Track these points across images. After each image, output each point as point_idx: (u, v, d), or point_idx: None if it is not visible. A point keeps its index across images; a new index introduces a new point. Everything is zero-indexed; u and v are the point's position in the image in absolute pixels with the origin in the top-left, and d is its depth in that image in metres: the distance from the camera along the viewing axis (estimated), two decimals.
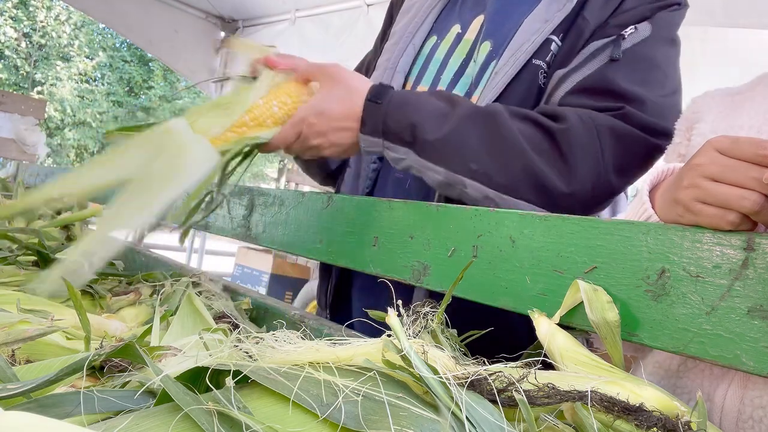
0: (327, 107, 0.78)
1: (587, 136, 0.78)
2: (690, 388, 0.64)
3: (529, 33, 0.89)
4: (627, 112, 0.81)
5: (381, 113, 0.77)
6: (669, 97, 0.85)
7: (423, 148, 0.77)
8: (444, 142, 0.76)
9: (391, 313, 0.44)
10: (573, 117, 0.79)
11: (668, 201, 0.58)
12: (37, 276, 0.90)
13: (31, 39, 15.23)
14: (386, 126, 0.77)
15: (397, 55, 1.03)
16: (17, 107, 4.04)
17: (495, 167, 0.76)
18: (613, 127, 0.80)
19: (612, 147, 0.80)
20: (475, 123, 0.77)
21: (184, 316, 0.72)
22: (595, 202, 0.82)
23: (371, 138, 0.79)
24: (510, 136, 0.77)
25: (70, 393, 0.37)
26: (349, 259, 0.83)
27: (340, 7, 3.54)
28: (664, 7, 0.87)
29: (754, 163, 0.49)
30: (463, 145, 0.76)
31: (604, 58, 0.84)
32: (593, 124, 0.79)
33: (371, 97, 0.78)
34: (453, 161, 0.77)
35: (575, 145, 0.78)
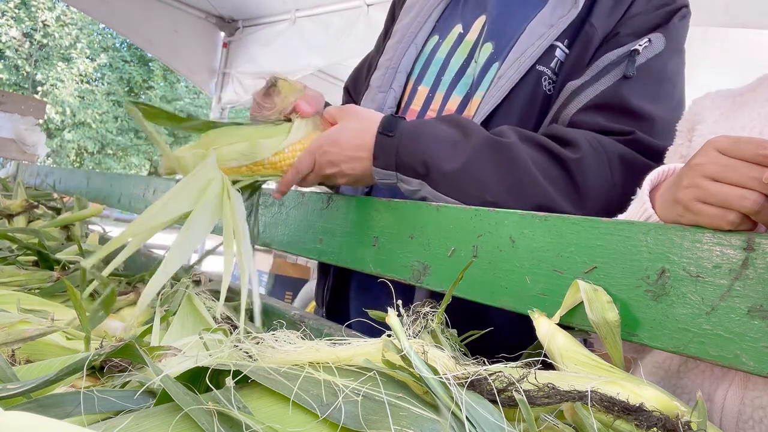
0: (340, 137, 0.79)
1: (599, 164, 0.79)
2: (690, 388, 0.64)
3: (534, 38, 0.88)
4: (636, 138, 0.82)
5: (393, 146, 0.78)
6: (675, 111, 0.86)
7: (437, 180, 0.77)
8: (458, 175, 0.76)
9: (391, 313, 0.44)
10: (585, 145, 0.79)
11: (668, 201, 0.58)
12: (37, 276, 0.90)
13: (33, 39, 15.23)
14: (399, 159, 0.78)
15: (399, 55, 1.03)
16: (17, 107, 4.04)
17: (510, 199, 0.77)
18: (623, 156, 0.81)
19: (621, 175, 0.81)
20: (488, 154, 0.77)
21: (184, 316, 0.72)
22: None
23: (385, 171, 0.79)
24: (524, 168, 0.77)
25: (70, 393, 0.37)
26: (349, 259, 0.83)
27: (340, 7, 3.54)
28: (673, 12, 0.87)
29: (755, 163, 0.49)
30: (478, 178, 0.77)
31: (618, 74, 0.84)
32: (604, 152, 0.80)
33: (383, 129, 0.79)
34: (468, 194, 0.76)
35: (589, 175, 0.79)
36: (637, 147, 0.82)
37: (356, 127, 0.80)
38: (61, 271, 0.94)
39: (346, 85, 1.27)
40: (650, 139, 0.83)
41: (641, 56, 0.85)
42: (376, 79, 1.04)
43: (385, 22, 1.21)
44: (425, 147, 0.77)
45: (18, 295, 0.73)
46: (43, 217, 1.41)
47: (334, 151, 0.78)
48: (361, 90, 1.18)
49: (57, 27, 15.48)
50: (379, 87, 1.03)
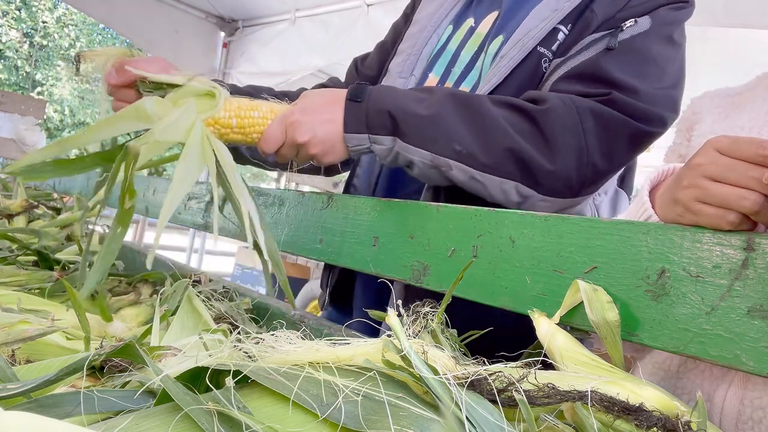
0: (310, 104, 0.79)
1: (568, 116, 0.79)
2: (690, 388, 0.64)
3: (538, 20, 0.90)
4: (613, 97, 0.81)
5: (362, 109, 0.78)
6: (665, 90, 0.85)
7: (407, 132, 0.78)
8: (426, 124, 0.77)
9: (390, 313, 0.44)
10: (553, 99, 0.80)
11: (668, 201, 0.58)
12: (37, 276, 0.90)
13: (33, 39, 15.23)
14: (369, 119, 0.78)
15: (421, 43, 1.05)
16: (17, 107, 4.04)
17: (479, 147, 0.77)
18: (595, 110, 0.80)
19: (594, 129, 0.80)
20: (455, 105, 0.79)
21: (184, 316, 0.72)
22: (580, 182, 0.82)
23: (357, 135, 0.79)
24: (491, 118, 0.78)
25: (70, 393, 0.37)
26: (349, 259, 0.83)
27: (340, 7, 3.54)
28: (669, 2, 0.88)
29: (754, 163, 0.49)
30: (446, 127, 0.77)
31: (600, 47, 0.85)
32: (574, 105, 0.80)
33: (351, 96, 0.79)
34: (438, 143, 0.77)
35: (556, 124, 0.78)
36: (614, 107, 0.81)
37: (324, 96, 0.81)
38: (61, 271, 0.94)
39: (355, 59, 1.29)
40: (630, 100, 0.82)
41: (625, 33, 0.85)
42: (396, 65, 1.06)
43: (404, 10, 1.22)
44: (392, 102, 0.78)
45: (18, 295, 0.73)
46: (43, 217, 1.41)
47: (305, 119, 0.78)
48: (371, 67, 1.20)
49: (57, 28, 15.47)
50: (400, 73, 1.04)
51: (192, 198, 1.20)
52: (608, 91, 0.81)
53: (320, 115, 0.79)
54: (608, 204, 0.98)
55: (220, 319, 0.77)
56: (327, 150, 0.80)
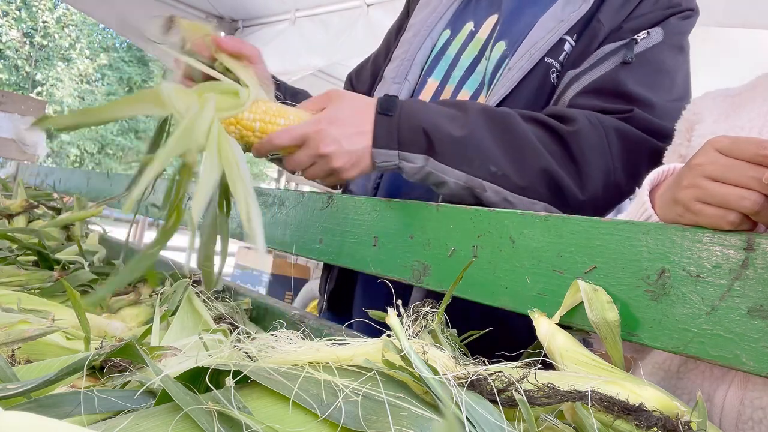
0: (340, 115, 0.75)
1: (596, 138, 0.79)
2: (690, 389, 0.64)
3: (544, 31, 0.90)
4: (635, 115, 0.81)
5: (394, 124, 0.75)
6: (675, 102, 0.86)
7: (441, 152, 0.75)
8: (462, 144, 0.75)
9: (390, 313, 0.44)
10: (582, 119, 0.79)
11: (668, 201, 0.58)
12: (37, 276, 0.90)
13: (33, 39, 15.23)
14: (401, 135, 0.75)
15: (415, 48, 1.04)
16: (17, 107, 4.03)
17: (513, 169, 0.76)
18: (620, 129, 0.80)
19: (620, 149, 0.80)
20: (489, 124, 0.77)
21: (184, 316, 0.72)
22: (605, 204, 0.83)
23: (386, 151, 0.76)
24: (525, 137, 0.77)
25: (70, 393, 0.37)
26: (349, 259, 0.83)
27: (340, 7, 3.54)
28: (677, 12, 0.88)
29: (754, 163, 0.49)
30: (481, 147, 0.76)
31: (617, 61, 0.85)
32: (601, 126, 0.80)
33: (381, 110, 0.76)
34: (473, 164, 0.75)
35: (586, 148, 0.78)
36: (636, 124, 0.82)
37: (354, 106, 0.77)
38: (61, 271, 0.94)
39: (350, 74, 1.28)
40: (650, 117, 0.82)
41: (639, 45, 0.85)
42: (390, 70, 1.05)
43: (398, 17, 1.22)
44: (426, 120, 0.75)
45: (18, 295, 0.73)
46: (43, 217, 1.41)
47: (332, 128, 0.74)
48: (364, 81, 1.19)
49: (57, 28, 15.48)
50: (394, 78, 1.04)
51: (192, 198, 1.20)
52: (630, 107, 0.82)
53: (348, 127, 0.75)
54: None
55: (220, 319, 0.77)
56: (352, 163, 0.76)
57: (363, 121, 0.76)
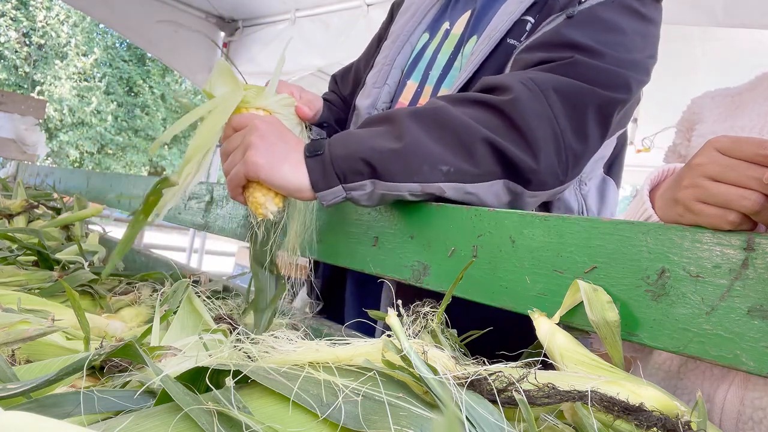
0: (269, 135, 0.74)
1: (536, 102, 0.75)
2: (690, 389, 0.64)
3: (505, 14, 0.90)
4: (575, 60, 0.78)
5: (327, 162, 0.72)
6: (634, 57, 0.82)
7: (386, 170, 0.72)
8: (404, 155, 0.72)
9: (390, 313, 0.44)
10: (517, 86, 0.76)
11: (668, 201, 0.58)
12: (37, 276, 0.90)
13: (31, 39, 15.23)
14: (338, 169, 0.72)
15: (394, 52, 1.05)
16: (17, 107, 4.03)
17: (463, 161, 0.73)
18: (559, 87, 0.77)
19: (562, 109, 0.77)
20: (421, 125, 0.74)
21: (184, 316, 0.72)
22: (564, 170, 0.79)
23: (330, 191, 0.73)
24: (461, 123, 0.74)
25: (70, 393, 0.37)
26: (349, 259, 0.83)
27: (340, 7, 3.54)
28: None
29: (755, 163, 0.49)
30: (425, 151, 0.73)
31: (561, 18, 0.84)
32: (538, 89, 0.76)
33: (309, 153, 0.73)
34: (422, 171, 0.72)
35: (527, 115, 0.74)
36: (576, 72, 0.78)
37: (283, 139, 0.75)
38: (61, 271, 0.94)
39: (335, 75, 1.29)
40: (595, 62, 0.78)
41: (584, 4, 0.83)
42: (371, 76, 1.06)
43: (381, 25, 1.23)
44: (359, 146, 0.73)
45: (18, 295, 0.73)
46: (43, 217, 1.41)
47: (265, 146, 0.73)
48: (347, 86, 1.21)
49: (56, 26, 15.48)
50: (374, 83, 1.05)
51: (192, 198, 1.20)
52: (570, 54, 0.78)
53: (280, 155, 0.73)
54: (595, 192, 0.96)
55: (220, 319, 0.77)
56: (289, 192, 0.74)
57: (296, 160, 0.73)
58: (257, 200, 0.75)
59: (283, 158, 0.73)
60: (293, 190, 0.73)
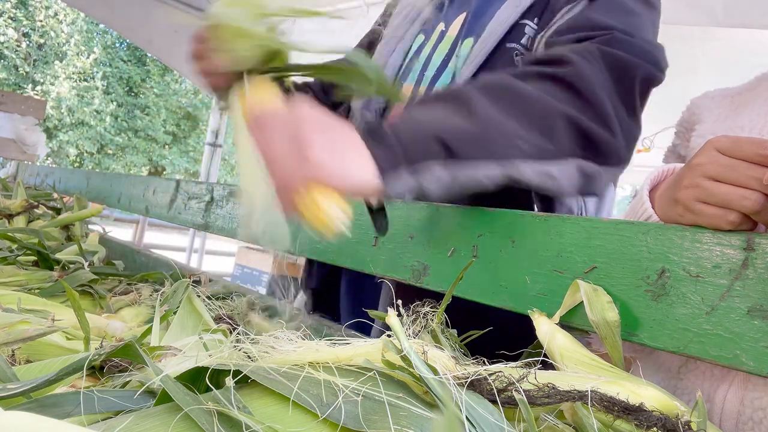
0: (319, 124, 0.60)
1: (597, 72, 0.72)
2: (690, 389, 0.64)
3: (502, 18, 0.89)
4: (615, 36, 0.75)
5: (395, 146, 0.61)
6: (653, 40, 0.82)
7: (462, 150, 0.63)
8: (476, 131, 0.64)
9: (390, 313, 0.44)
10: (573, 57, 0.72)
11: (668, 201, 0.58)
12: (37, 276, 0.90)
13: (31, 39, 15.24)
14: (409, 155, 0.61)
15: (386, 54, 1.05)
16: (17, 107, 4.03)
17: (539, 135, 0.67)
18: (607, 58, 0.74)
19: (612, 83, 0.74)
20: (492, 99, 0.67)
21: (184, 316, 0.72)
22: (627, 146, 0.75)
23: (400, 181, 0.61)
24: (535, 97, 0.68)
25: (70, 393, 0.37)
26: (349, 259, 0.83)
27: (340, 7, 3.54)
28: None
29: (755, 163, 0.49)
30: (498, 127, 0.65)
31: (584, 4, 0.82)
32: (590, 55, 0.73)
33: (372, 138, 0.61)
34: (499, 148, 0.65)
35: (595, 86, 0.71)
36: (619, 46, 0.75)
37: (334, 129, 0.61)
38: (61, 271, 0.94)
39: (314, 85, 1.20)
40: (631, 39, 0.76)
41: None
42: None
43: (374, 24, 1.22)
44: (428, 125, 0.63)
45: (18, 295, 0.73)
46: (43, 217, 1.41)
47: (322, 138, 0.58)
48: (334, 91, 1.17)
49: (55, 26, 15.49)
50: None
51: (192, 198, 1.20)
52: (609, 31, 0.76)
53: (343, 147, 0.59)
54: None
55: (220, 320, 0.77)
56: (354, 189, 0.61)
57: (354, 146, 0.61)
58: (323, 210, 0.58)
59: (346, 150, 0.60)
60: (359, 186, 0.60)
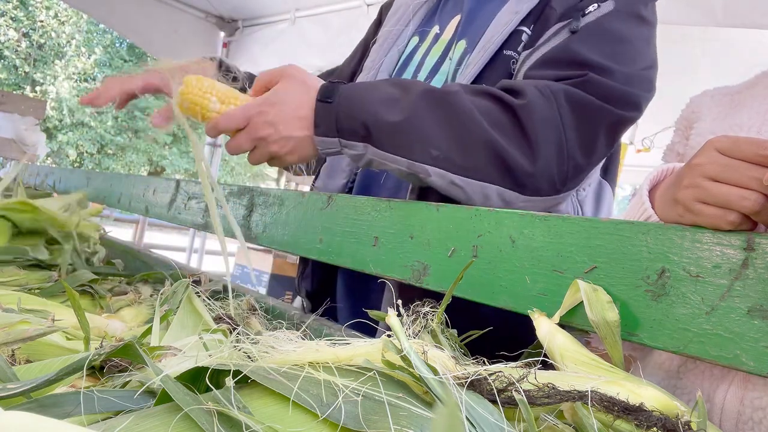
0: (281, 99, 0.75)
1: (547, 109, 0.76)
2: (690, 389, 0.64)
3: (500, 25, 0.89)
4: (589, 79, 0.78)
5: (333, 112, 0.75)
6: (641, 71, 0.83)
7: (380, 139, 0.74)
8: (400, 130, 0.73)
9: (390, 313, 0.44)
10: (532, 91, 0.76)
11: (668, 201, 0.58)
12: (37, 276, 0.90)
13: (31, 39, 15.23)
14: (339, 124, 0.75)
15: (380, 56, 1.06)
16: (17, 107, 4.03)
17: (456, 149, 0.74)
18: (573, 99, 0.77)
19: (573, 120, 0.77)
20: (429, 105, 0.75)
21: (184, 316, 0.72)
22: (562, 179, 0.79)
23: (327, 139, 0.76)
24: (468, 114, 0.74)
25: (70, 393, 0.37)
26: (349, 259, 0.83)
27: (340, 7, 3.54)
28: None
29: (755, 163, 0.49)
30: (421, 131, 0.74)
31: (566, 33, 0.83)
32: (553, 96, 0.76)
33: (321, 96, 0.76)
34: (413, 149, 0.74)
35: (536, 120, 0.75)
36: (590, 89, 0.78)
37: (298, 90, 0.77)
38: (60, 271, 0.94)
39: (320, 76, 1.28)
40: (608, 81, 0.78)
41: (588, 17, 0.83)
42: (360, 79, 1.06)
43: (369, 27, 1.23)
44: (364, 107, 0.74)
45: (18, 295, 0.73)
46: None
47: (272, 111, 0.74)
48: None
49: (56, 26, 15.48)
50: None
51: (192, 198, 1.20)
52: (584, 72, 0.78)
53: (288, 111, 0.75)
54: (592, 197, 0.95)
55: (220, 319, 0.77)
56: (291, 149, 0.77)
57: (303, 106, 0.76)
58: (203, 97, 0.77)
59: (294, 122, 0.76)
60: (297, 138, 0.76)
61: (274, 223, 0.98)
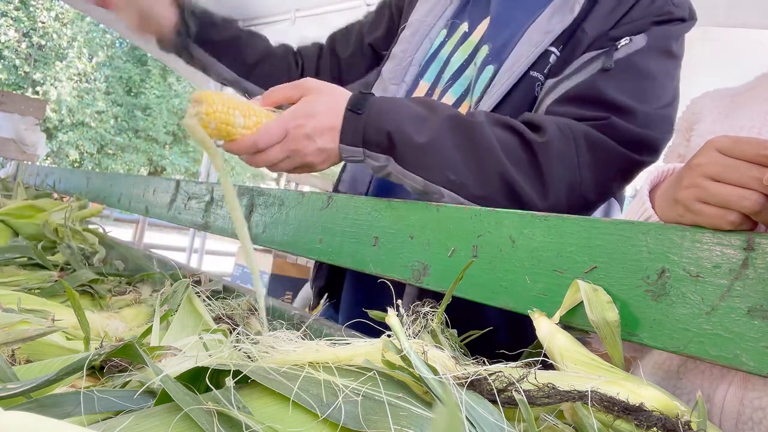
0: (316, 110, 0.76)
1: (565, 149, 0.78)
2: (690, 389, 0.64)
3: (530, 45, 0.88)
4: (611, 122, 0.79)
5: (361, 123, 0.76)
6: (662, 109, 0.84)
7: (402, 156, 0.76)
8: (423, 151, 0.76)
9: (390, 313, 0.44)
10: (552, 128, 0.78)
11: (668, 201, 0.58)
12: (37, 276, 0.90)
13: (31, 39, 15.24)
14: (366, 135, 0.76)
15: (413, 47, 1.04)
16: (17, 107, 4.03)
17: (472, 177, 0.76)
18: (592, 140, 0.79)
19: (589, 161, 0.79)
20: (453, 131, 0.77)
21: (184, 316, 0.72)
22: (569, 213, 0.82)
23: (351, 148, 0.77)
24: (488, 145, 0.76)
25: (70, 393, 0.37)
26: (349, 259, 0.83)
27: (340, 7, 3.54)
28: (666, 21, 0.86)
29: (755, 163, 0.49)
30: (442, 155, 0.76)
31: (596, 68, 0.83)
32: (572, 136, 0.78)
33: (351, 107, 0.77)
34: (431, 170, 0.76)
35: (553, 158, 0.77)
36: (611, 133, 0.79)
37: (328, 101, 0.77)
38: (60, 271, 0.94)
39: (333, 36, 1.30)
40: (628, 126, 0.80)
41: (620, 52, 0.83)
42: (388, 70, 1.05)
43: None
44: (392, 122, 0.76)
45: (18, 295, 0.73)
46: None
47: (310, 124, 0.75)
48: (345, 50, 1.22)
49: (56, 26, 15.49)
50: (392, 79, 1.04)
51: (192, 198, 1.20)
52: (606, 115, 0.80)
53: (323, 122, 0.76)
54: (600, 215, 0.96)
55: (220, 319, 0.77)
56: (324, 159, 0.78)
57: (335, 117, 0.77)
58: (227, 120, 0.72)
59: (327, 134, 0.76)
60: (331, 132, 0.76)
61: (274, 223, 0.98)
